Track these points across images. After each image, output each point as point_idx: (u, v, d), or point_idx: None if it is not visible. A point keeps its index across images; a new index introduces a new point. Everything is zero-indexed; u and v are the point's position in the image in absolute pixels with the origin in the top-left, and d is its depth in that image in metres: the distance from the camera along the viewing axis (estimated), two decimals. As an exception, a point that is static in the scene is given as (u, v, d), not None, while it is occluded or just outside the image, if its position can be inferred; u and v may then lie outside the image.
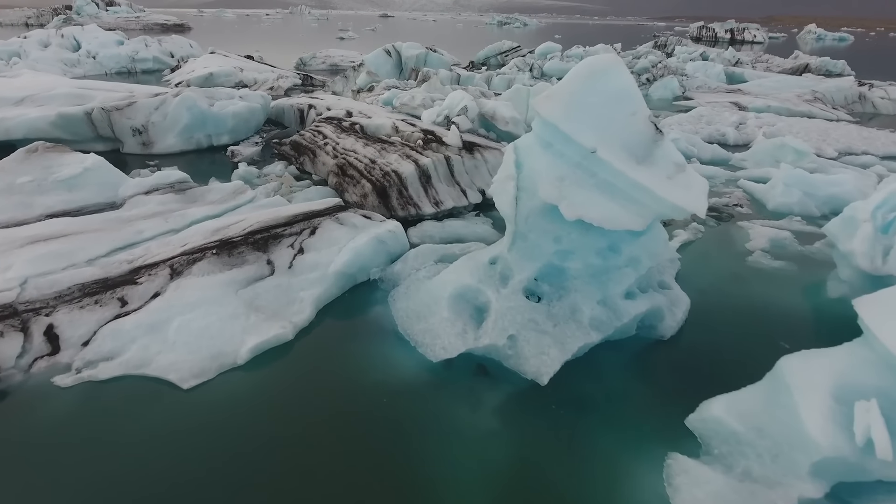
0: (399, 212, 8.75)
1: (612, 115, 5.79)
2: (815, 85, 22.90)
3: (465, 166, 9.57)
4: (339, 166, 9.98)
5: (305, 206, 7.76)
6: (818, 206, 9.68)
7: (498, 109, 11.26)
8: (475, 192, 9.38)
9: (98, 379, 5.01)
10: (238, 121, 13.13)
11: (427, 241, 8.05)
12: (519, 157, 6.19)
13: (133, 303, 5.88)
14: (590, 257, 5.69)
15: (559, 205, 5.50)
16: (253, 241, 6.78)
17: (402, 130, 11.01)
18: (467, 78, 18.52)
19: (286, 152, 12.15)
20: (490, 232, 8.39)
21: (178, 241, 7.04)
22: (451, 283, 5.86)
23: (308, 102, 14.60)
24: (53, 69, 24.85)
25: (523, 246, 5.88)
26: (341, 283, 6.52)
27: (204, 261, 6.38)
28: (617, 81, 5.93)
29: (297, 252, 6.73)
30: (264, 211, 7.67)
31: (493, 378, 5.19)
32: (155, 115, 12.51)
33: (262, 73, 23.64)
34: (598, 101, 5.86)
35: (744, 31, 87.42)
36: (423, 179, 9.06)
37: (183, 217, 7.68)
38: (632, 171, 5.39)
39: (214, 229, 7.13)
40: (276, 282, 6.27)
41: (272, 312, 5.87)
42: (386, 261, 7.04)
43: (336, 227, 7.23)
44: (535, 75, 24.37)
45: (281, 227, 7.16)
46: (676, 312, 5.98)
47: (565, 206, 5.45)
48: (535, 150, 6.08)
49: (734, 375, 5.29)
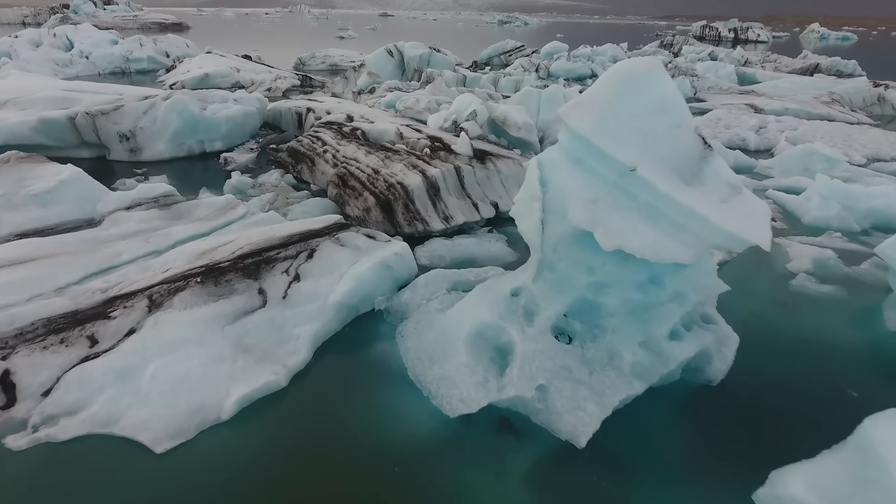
0: (405, 228, 8.00)
1: (654, 128, 5.05)
2: (832, 86, 22.14)
3: (477, 177, 8.82)
4: (339, 176, 9.24)
5: (302, 224, 7.01)
6: (858, 220, 8.94)
7: (509, 114, 10.51)
8: (487, 205, 8.63)
9: (57, 440, 4.27)
10: (232, 126, 12.37)
11: (436, 261, 7.32)
12: (544, 174, 5.45)
13: (104, 342, 5.13)
14: (629, 291, 4.95)
15: (594, 231, 4.75)
16: (243, 267, 6.03)
17: (406, 137, 10.26)
18: (473, 79, 17.76)
19: (283, 159, 11.40)
20: (505, 251, 7.64)
21: (159, 265, 6.29)
22: (468, 320, 5.11)
23: (307, 105, 13.84)
24: (44, 70, 24.10)
25: (551, 277, 5.13)
26: (342, 315, 5.77)
27: (187, 291, 5.63)
28: (658, 88, 5.19)
29: (293, 279, 5.98)
30: (257, 230, 6.92)
31: (521, 436, 4.44)
32: (143, 119, 11.75)
33: (259, 74, 22.89)
34: (636, 110, 5.13)
35: (747, 30, 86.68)
36: (431, 192, 8.31)
37: (166, 237, 6.93)
38: (680, 193, 4.65)
39: (200, 252, 6.38)
40: (269, 315, 5.52)
41: (263, 353, 5.12)
42: (392, 288, 6.29)
43: (336, 249, 6.48)
44: (541, 76, 23.61)
45: (275, 249, 6.40)
46: (726, 353, 5.23)
47: (601, 233, 4.70)
48: (562, 167, 5.34)
49: (801, 432, 4.56)
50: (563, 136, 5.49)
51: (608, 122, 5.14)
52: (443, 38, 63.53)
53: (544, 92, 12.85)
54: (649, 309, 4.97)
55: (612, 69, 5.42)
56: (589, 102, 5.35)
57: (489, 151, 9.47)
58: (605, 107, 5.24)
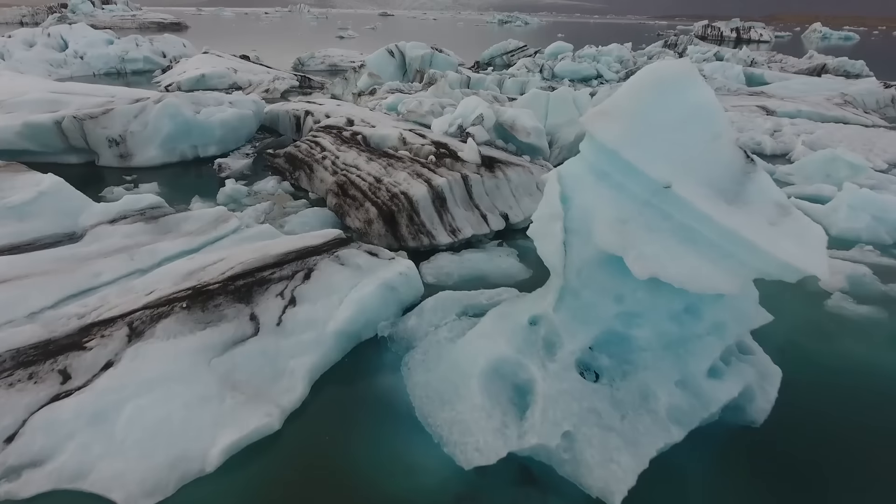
0: (409, 242, 7.48)
1: (690, 139, 4.54)
2: (844, 87, 21.62)
3: (485, 186, 8.30)
4: (339, 185, 8.72)
5: (299, 240, 6.48)
6: (889, 232, 8.42)
7: (518, 118, 9.99)
8: (497, 216, 8.11)
9: (19, 497, 3.75)
10: (227, 130, 11.85)
11: (443, 279, 6.80)
12: (565, 190, 4.94)
13: (77, 377, 4.61)
14: (662, 322, 4.44)
15: (624, 256, 4.24)
16: (234, 290, 5.51)
17: (410, 142, 9.73)
18: (478, 81, 17.23)
19: (280, 165, 10.88)
20: (517, 267, 7.12)
21: (142, 286, 5.77)
22: (482, 354, 4.59)
23: (305, 108, 13.32)
24: (38, 70, 23.59)
25: (575, 305, 4.62)
26: (342, 344, 5.25)
27: (171, 317, 5.11)
28: (693, 95, 4.69)
29: (288, 303, 5.46)
30: (250, 246, 6.40)
31: (545, 490, 3.93)
32: (134, 123, 11.23)
33: (257, 75, 22.38)
34: (670, 119, 4.63)
35: (749, 29, 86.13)
36: (438, 203, 7.79)
37: (152, 254, 6.41)
38: (722, 214, 4.13)
39: (187, 272, 5.85)
40: (261, 345, 5.00)
41: (254, 391, 4.60)
42: (397, 311, 5.77)
43: (336, 268, 5.96)
44: (545, 76, 23.10)
45: (269, 269, 5.88)
46: (768, 390, 4.70)
47: (633, 258, 4.18)
48: (586, 182, 4.83)
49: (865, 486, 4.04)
50: (587, 148, 4.98)
51: (638, 133, 4.63)
52: (443, 38, 62.99)
53: (552, 95, 12.33)
54: (685, 342, 4.45)
55: (641, 73, 4.91)
56: (616, 110, 4.84)
57: (498, 158, 8.95)
58: (634, 116, 4.73)
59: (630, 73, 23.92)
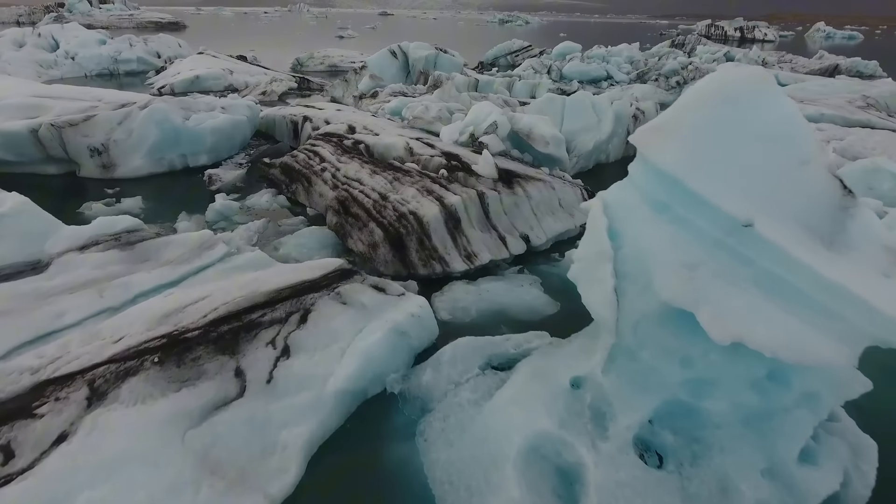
0: (420, 269, 6.64)
1: (771, 165, 3.71)
2: (864, 89, 20.75)
3: (504, 204, 7.45)
4: (339, 201, 7.88)
5: (294, 272, 5.64)
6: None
7: (535, 126, 9.15)
8: (516, 239, 7.26)
9: None
10: (219, 137, 10.99)
11: (459, 315, 5.96)
12: (614, 223, 4.11)
13: (23, 455, 3.77)
14: (740, 392, 3.60)
15: (697, 314, 3.41)
16: (216, 337, 4.66)
17: (417, 153, 8.89)
18: (486, 83, 16.37)
19: (275, 177, 10.03)
20: (543, 300, 6.28)
21: (111, 331, 4.92)
22: (517, 429, 3.75)
23: (303, 114, 12.47)
24: (27, 72, 22.74)
25: (630, 369, 3.78)
26: (345, 406, 4.41)
27: (140, 375, 4.27)
28: (772, 109, 3.86)
29: (280, 354, 4.61)
30: (238, 280, 5.55)
31: None
32: (118, 131, 10.38)
33: (254, 76, 21.55)
34: (744, 140, 3.80)
35: (754, 29, 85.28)
36: (451, 224, 6.94)
37: (125, 288, 5.57)
38: (822, 262, 3.30)
39: (164, 314, 5.00)
40: (247, 411, 4.16)
41: (238, 474, 3.75)
42: (408, 360, 4.94)
43: (337, 308, 5.11)
44: (553, 77, 22.23)
45: (259, 310, 5.04)
46: (865, 469, 3.86)
47: (710, 318, 3.35)
48: (641, 215, 3.99)
49: None
50: (639, 172, 4.15)
51: (705, 157, 3.80)
52: (444, 38, 62.12)
53: (569, 99, 11.49)
54: (770, 417, 3.61)
55: (705, 83, 4.09)
56: (675, 128, 4.00)
57: (516, 172, 8.10)
58: (698, 135, 3.90)
59: (641, 75, 23.08)
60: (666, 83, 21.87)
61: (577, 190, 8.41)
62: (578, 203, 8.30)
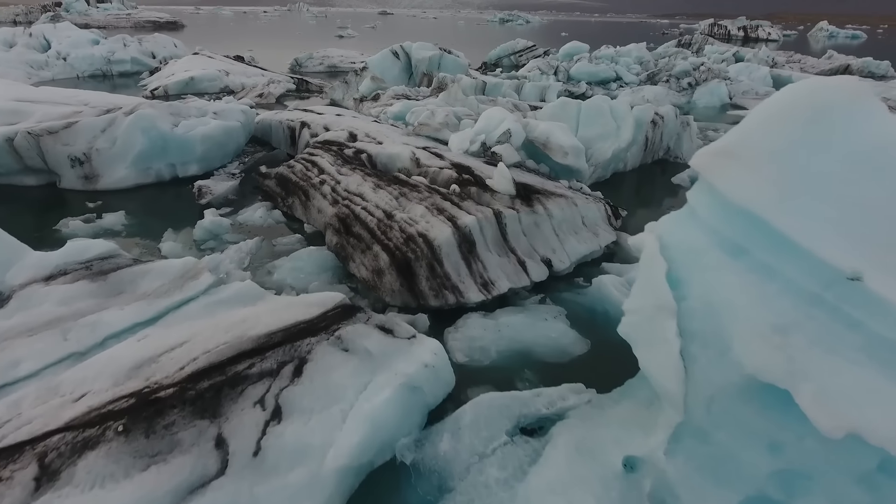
0: (431, 300, 5.90)
1: (878, 200, 2.99)
2: (886, 91, 20.03)
3: (523, 224, 6.71)
4: (340, 219, 7.14)
5: (289, 310, 4.89)
6: None
7: (553, 135, 8.42)
8: (538, 263, 6.52)
9: None
10: (210, 145, 10.24)
11: (477, 356, 5.23)
12: (675, 268, 3.40)
13: (-53, 560, 3.03)
14: (845, 489, 2.87)
15: (794, 393, 2.71)
16: (194, 396, 3.93)
17: (425, 165, 8.15)
18: (494, 86, 15.62)
19: (270, 189, 9.29)
20: (570, 337, 5.53)
21: (71, 385, 4.18)
22: (562, 528, 3.02)
23: (301, 119, 11.72)
24: (16, 73, 21.96)
25: (702, 453, 3.05)
26: (347, 485, 3.66)
27: (100, 448, 3.53)
28: (875, 129, 3.18)
29: (270, 418, 3.87)
30: (222, 320, 4.81)
31: None
32: (101, 139, 9.63)
33: (250, 78, 20.81)
34: (841, 168, 3.12)
35: (757, 28, 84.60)
36: (465, 248, 6.21)
37: (93, 329, 4.82)
38: (963, 331, 2.56)
39: (134, 365, 4.26)
40: (229, 495, 3.42)
41: (214, 586, 3.02)
42: (421, 420, 4.20)
43: (337, 357, 4.37)
44: (559, 78, 21.48)
45: (246, 358, 4.30)
46: None
47: (813, 401, 2.65)
48: (710, 259, 3.28)
49: None
50: (706, 206, 3.43)
51: (794, 189, 3.09)
52: (445, 37, 61.35)
53: (585, 104, 10.74)
54: (885, 521, 2.89)
55: (784, 97, 3.37)
56: (751, 151, 3.29)
57: (534, 186, 7.36)
58: (782, 160, 3.19)
59: (651, 76, 22.32)
60: (677, 84, 21.13)
61: (600, 206, 7.67)
62: (602, 221, 7.57)
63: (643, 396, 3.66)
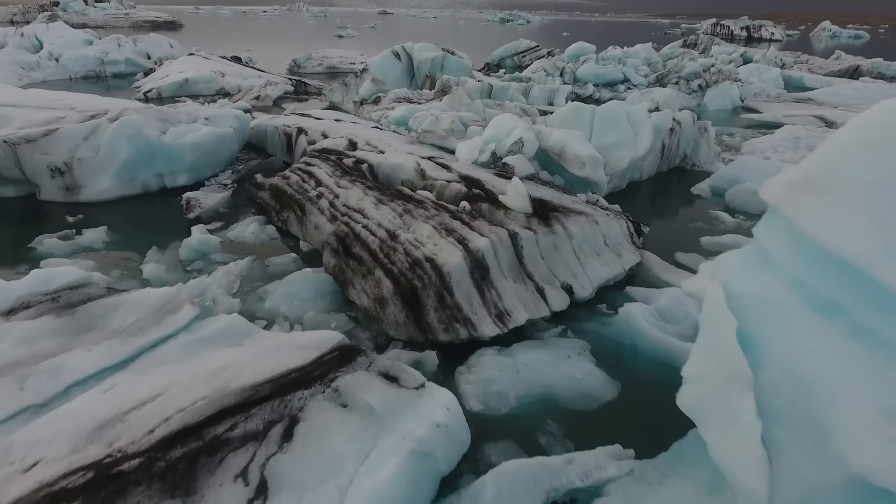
0: (440, 334, 5.27)
1: None
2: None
3: (540, 246, 6.09)
4: (338, 238, 6.53)
5: (278, 355, 4.26)
6: None
7: (568, 144, 7.80)
8: (557, 290, 5.89)
9: None
10: (200, 154, 9.61)
11: (493, 403, 4.60)
12: (748, 327, 2.77)
13: None
14: None
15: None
16: (164, 469, 3.30)
17: (430, 177, 7.53)
18: (501, 90, 14.98)
19: (264, 201, 8.67)
20: (598, 379, 4.90)
21: (23, 450, 3.56)
22: None
23: (298, 125, 11.10)
24: (6, 74, 21.36)
25: (794, 568, 2.42)
26: (346, 584, 3.04)
27: (46, 541, 2.90)
28: None
29: (254, 496, 3.25)
30: (202, 367, 4.18)
31: None
32: (83, 148, 9.01)
33: (247, 79, 20.19)
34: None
35: (760, 28, 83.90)
36: (478, 274, 5.58)
37: (55, 376, 4.20)
38: None
39: (97, 425, 3.64)
40: None
41: None
42: (432, 491, 3.57)
43: (335, 416, 3.74)
44: (566, 80, 20.86)
45: (228, 417, 3.68)
46: None
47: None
48: (795, 317, 2.67)
49: None
50: (783, 248, 2.81)
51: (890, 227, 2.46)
52: (446, 37, 60.72)
53: (599, 110, 10.11)
54: None
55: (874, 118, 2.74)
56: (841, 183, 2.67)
57: (551, 203, 6.73)
58: (884, 196, 2.55)
59: (660, 77, 21.69)
60: (687, 86, 20.51)
61: (622, 223, 7.04)
62: (625, 240, 6.94)
63: (703, 478, 3.05)
